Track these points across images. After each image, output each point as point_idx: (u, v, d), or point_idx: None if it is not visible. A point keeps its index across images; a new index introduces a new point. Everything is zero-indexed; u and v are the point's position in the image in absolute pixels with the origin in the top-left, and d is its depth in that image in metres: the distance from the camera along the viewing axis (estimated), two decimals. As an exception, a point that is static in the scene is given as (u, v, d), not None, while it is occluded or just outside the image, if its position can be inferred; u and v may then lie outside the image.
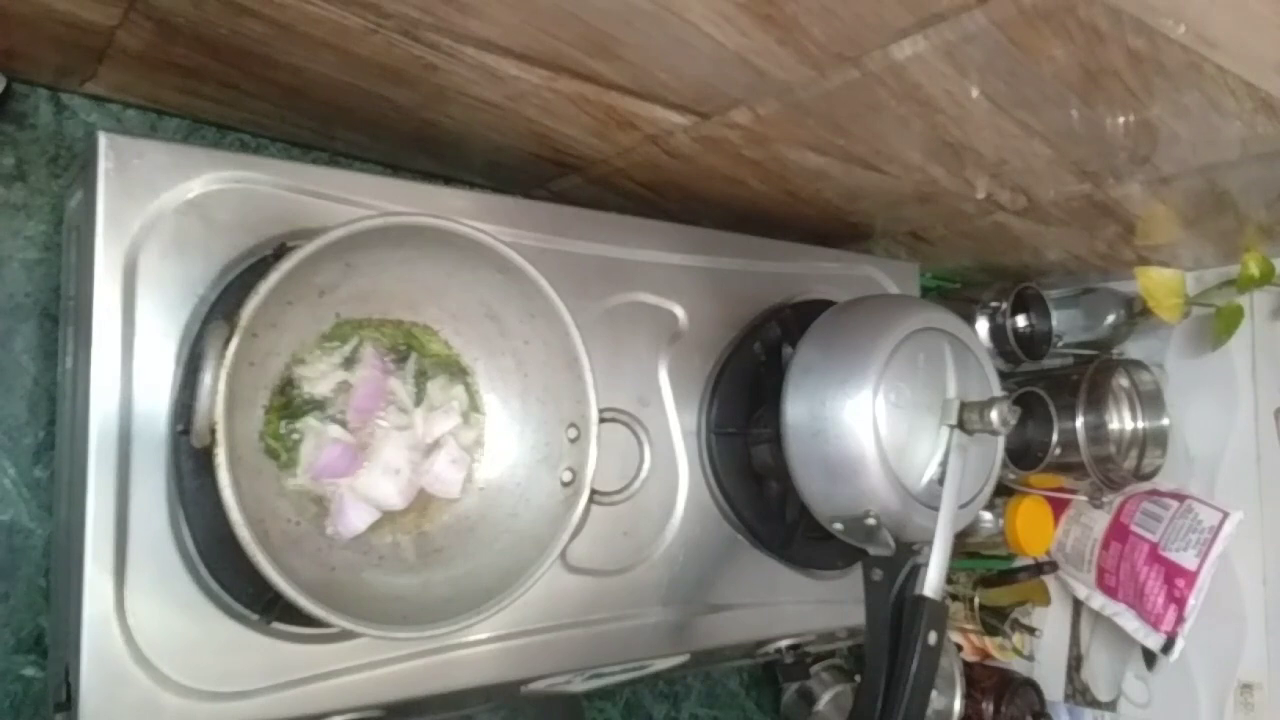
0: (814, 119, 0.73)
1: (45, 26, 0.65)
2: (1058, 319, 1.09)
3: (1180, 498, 1.07)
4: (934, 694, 0.70)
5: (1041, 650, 1.20)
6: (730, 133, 0.77)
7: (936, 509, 0.70)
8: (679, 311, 0.83)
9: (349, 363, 0.65)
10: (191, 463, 0.59)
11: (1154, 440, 1.10)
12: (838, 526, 0.75)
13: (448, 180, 0.93)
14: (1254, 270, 0.99)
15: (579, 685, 0.77)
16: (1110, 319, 1.10)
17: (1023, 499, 1.10)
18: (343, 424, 0.65)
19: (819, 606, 0.88)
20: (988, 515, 1.11)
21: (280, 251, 0.59)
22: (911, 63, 0.63)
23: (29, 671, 0.73)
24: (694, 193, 0.91)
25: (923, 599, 0.68)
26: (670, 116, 0.75)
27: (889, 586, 0.72)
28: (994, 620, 1.16)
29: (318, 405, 0.64)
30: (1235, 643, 1.05)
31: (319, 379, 0.64)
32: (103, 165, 0.59)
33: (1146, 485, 1.10)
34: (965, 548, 1.16)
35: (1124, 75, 0.64)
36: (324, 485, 0.64)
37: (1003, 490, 1.09)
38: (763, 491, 0.84)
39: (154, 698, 0.58)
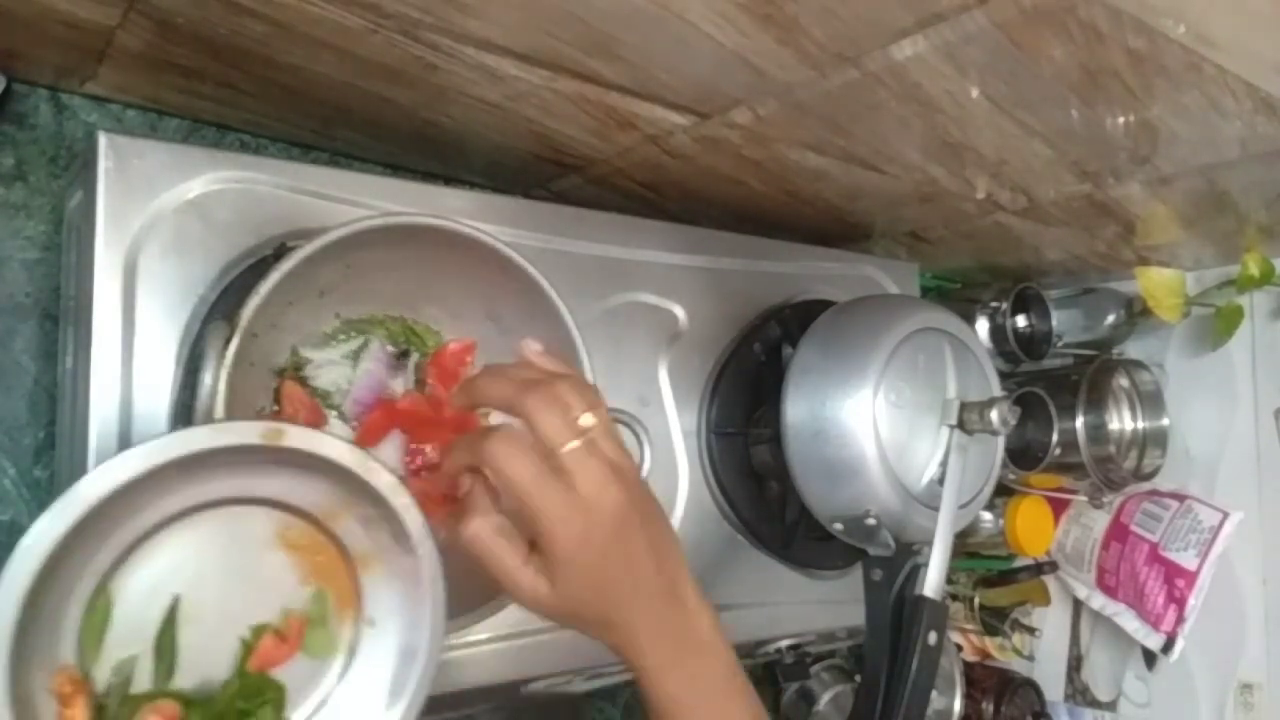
0: (814, 119, 0.73)
1: (45, 26, 0.65)
2: (1058, 319, 1.09)
3: (1180, 498, 1.07)
4: (934, 694, 0.70)
5: (1041, 650, 1.20)
6: (730, 133, 0.77)
7: (936, 509, 0.70)
8: (679, 311, 0.83)
9: (355, 356, 0.65)
10: (191, 463, 0.59)
11: (1154, 440, 1.10)
12: (838, 527, 0.75)
13: (448, 180, 0.93)
14: (1254, 270, 0.99)
15: (580, 686, 0.77)
16: (1110, 319, 1.11)
17: (1023, 499, 1.10)
18: (344, 419, 0.65)
19: (819, 606, 0.88)
20: (988, 515, 1.11)
21: (280, 251, 0.59)
22: (911, 63, 0.63)
23: (29, 671, 0.73)
24: (694, 193, 0.91)
25: (923, 599, 0.68)
26: (670, 116, 0.75)
27: (889, 586, 0.72)
28: (994, 620, 1.16)
29: (320, 397, 0.64)
30: (1235, 643, 1.05)
31: (327, 367, 0.64)
32: (103, 165, 0.59)
33: (1146, 485, 1.10)
34: (965, 548, 1.16)
35: (1124, 75, 0.64)
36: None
37: (1003, 490, 1.10)
38: (763, 491, 0.84)
39: (154, 698, 0.58)
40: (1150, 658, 1.10)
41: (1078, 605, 1.17)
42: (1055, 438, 1.04)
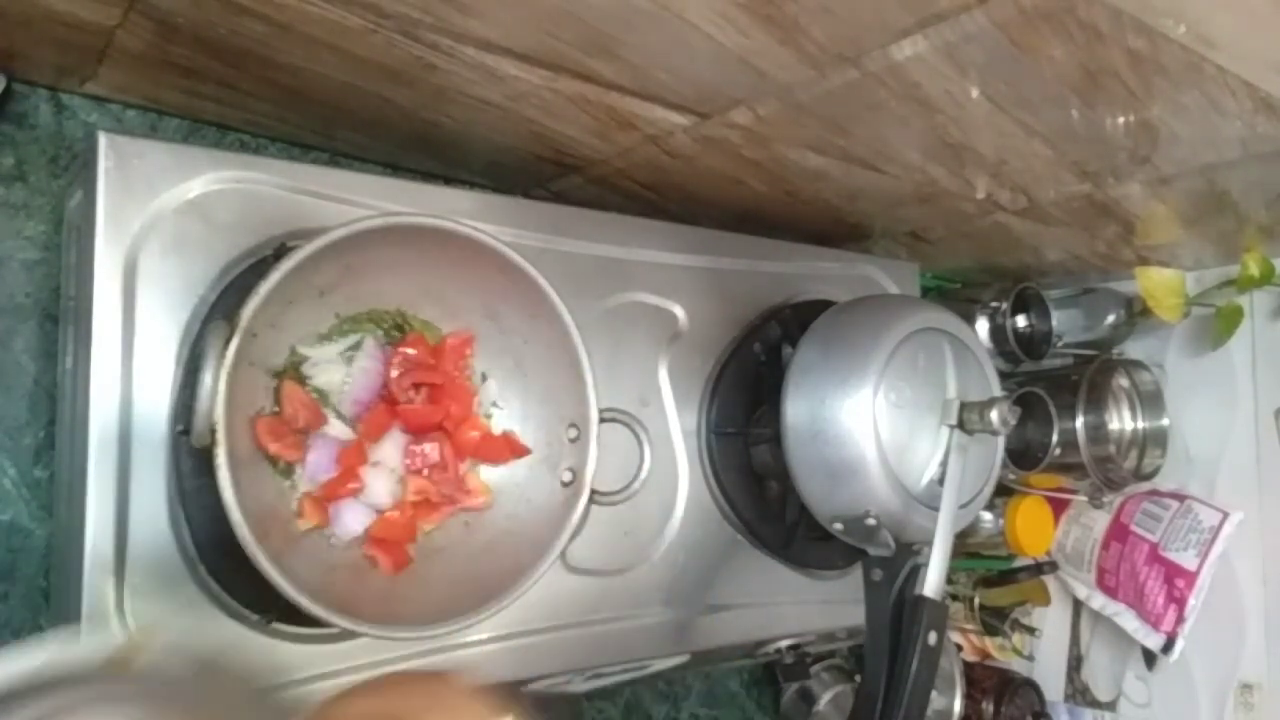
0: (814, 119, 0.73)
1: (45, 26, 0.65)
2: (1058, 319, 1.09)
3: (1180, 498, 1.07)
4: (934, 694, 0.70)
5: (1041, 650, 1.20)
6: (730, 133, 0.77)
7: (936, 509, 0.70)
8: (679, 311, 0.83)
9: (350, 354, 0.65)
10: (191, 463, 0.59)
11: (1154, 440, 1.10)
12: (838, 527, 0.75)
13: (448, 180, 0.93)
14: (1254, 270, 0.99)
15: (579, 685, 0.77)
16: (1110, 319, 1.11)
17: (1023, 499, 1.10)
18: (343, 418, 0.65)
19: (819, 606, 0.88)
20: (988, 515, 1.11)
21: (280, 251, 0.60)
22: (911, 63, 0.63)
23: (29, 671, 0.73)
24: (694, 193, 0.91)
25: (923, 599, 0.68)
26: (670, 116, 0.75)
27: (889, 587, 0.72)
28: (994, 620, 1.16)
29: (321, 396, 0.64)
30: (1235, 643, 1.05)
31: (324, 365, 0.64)
32: (103, 165, 0.59)
33: (1146, 485, 1.10)
34: (965, 548, 1.16)
35: (1124, 75, 0.64)
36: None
37: (1003, 490, 1.09)
38: (763, 491, 0.84)
39: (154, 698, 0.58)
40: (1150, 658, 1.10)
41: (1078, 605, 1.17)
42: (1055, 438, 1.04)
